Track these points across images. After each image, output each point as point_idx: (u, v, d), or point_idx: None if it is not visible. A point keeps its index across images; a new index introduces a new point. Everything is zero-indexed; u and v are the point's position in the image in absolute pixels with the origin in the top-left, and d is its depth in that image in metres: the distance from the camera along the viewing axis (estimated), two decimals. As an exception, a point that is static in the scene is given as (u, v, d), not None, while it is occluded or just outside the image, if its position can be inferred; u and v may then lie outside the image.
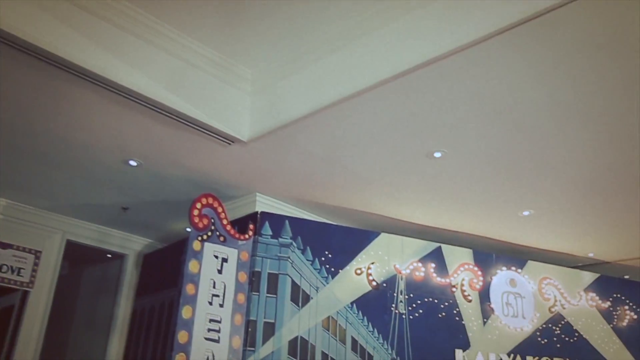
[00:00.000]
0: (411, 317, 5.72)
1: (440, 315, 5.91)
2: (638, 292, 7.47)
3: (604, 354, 6.84)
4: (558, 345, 6.55)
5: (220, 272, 4.99)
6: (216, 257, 5.01)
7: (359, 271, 5.60)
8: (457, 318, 6.01)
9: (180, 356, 4.58)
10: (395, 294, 5.72)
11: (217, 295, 4.90)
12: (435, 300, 5.93)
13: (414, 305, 5.79)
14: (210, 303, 4.85)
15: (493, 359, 6.05)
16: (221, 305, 4.91)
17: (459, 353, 5.88)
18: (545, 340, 6.49)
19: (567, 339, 6.65)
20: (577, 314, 6.84)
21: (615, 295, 7.24)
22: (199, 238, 4.95)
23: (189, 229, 4.98)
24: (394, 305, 5.68)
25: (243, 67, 4.57)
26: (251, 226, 5.29)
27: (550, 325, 6.59)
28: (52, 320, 6.72)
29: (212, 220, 5.07)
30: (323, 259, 5.48)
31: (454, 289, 6.08)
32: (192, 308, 4.74)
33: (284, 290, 5.22)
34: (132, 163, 5.12)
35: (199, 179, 5.41)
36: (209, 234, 5.02)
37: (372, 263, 5.68)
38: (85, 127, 4.55)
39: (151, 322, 6.41)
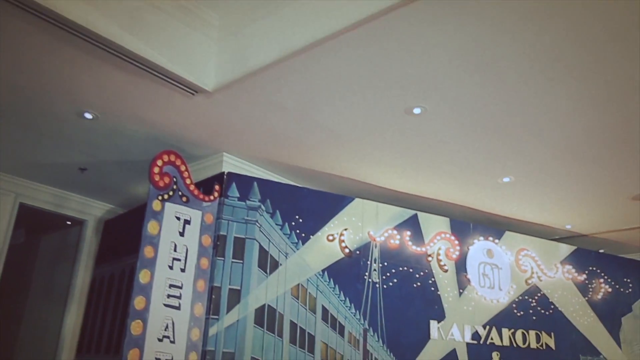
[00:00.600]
0: (385, 286, 5.47)
1: (415, 285, 5.67)
2: (613, 266, 7.37)
3: (578, 326, 6.73)
4: (534, 318, 6.39)
5: (182, 234, 4.65)
6: (178, 218, 4.66)
7: (331, 237, 5.30)
8: (432, 288, 5.78)
9: (137, 323, 4.24)
10: (368, 262, 5.45)
11: (179, 259, 4.56)
12: (411, 270, 5.69)
13: (388, 274, 5.53)
14: (171, 267, 4.51)
15: (468, 331, 5.86)
16: (182, 270, 4.57)
17: (433, 324, 5.67)
18: (521, 313, 6.31)
19: (542, 311, 6.49)
20: (553, 287, 6.69)
21: (591, 269, 7.12)
22: (159, 197, 4.59)
23: (150, 189, 4.62)
24: (367, 273, 5.41)
25: (209, 11, 4.18)
26: (217, 187, 4.94)
27: (526, 297, 6.42)
28: (6, 290, 6.34)
29: (174, 179, 4.71)
30: (293, 223, 5.17)
31: (429, 258, 5.84)
32: (151, 272, 4.40)
33: (251, 255, 4.89)
34: (88, 116, 4.70)
35: (161, 135, 5.03)
36: (171, 193, 4.66)
37: (345, 229, 5.39)
38: (34, 71, 4.11)
39: (110, 291, 6.05)
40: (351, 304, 5.26)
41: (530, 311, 6.40)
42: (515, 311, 6.27)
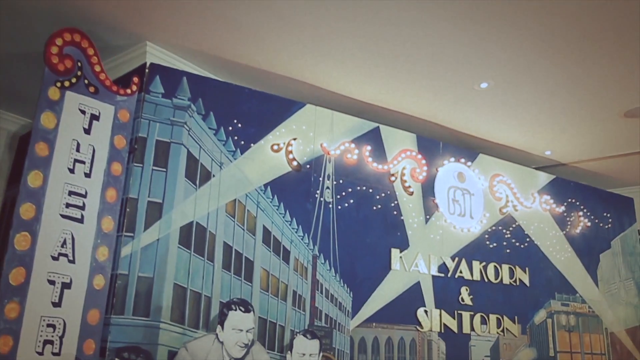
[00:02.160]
0: (339, 207, 4.69)
1: (374, 208, 4.91)
2: (593, 198, 6.74)
3: (554, 262, 6.12)
4: (507, 251, 5.72)
5: (87, 132, 3.75)
6: (83, 112, 3.75)
7: (276, 147, 4.47)
8: (394, 212, 5.03)
9: (23, 236, 3.39)
10: (320, 179, 4.65)
11: (82, 162, 3.68)
12: (370, 190, 4.91)
13: (344, 193, 4.75)
14: (72, 170, 3.63)
15: (435, 262, 5.15)
16: (87, 175, 3.69)
17: (395, 253, 4.95)
18: (494, 245, 5.63)
19: (517, 244, 5.83)
20: (530, 218, 6.01)
21: (570, 200, 6.46)
22: (58, 84, 3.67)
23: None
24: (318, 191, 4.61)
25: None
26: (135, 79, 4.03)
27: (500, 227, 5.73)
28: None
29: (79, 64, 3.78)
30: (231, 128, 4.31)
31: (392, 178, 5.06)
32: (43, 174, 3.52)
33: (177, 163, 4.04)
34: (-34, -20, 3.73)
35: (70, 15, 4.06)
36: (73, 80, 3.73)
37: (294, 139, 4.55)
38: None
39: (22, 214, 5.15)
40: (299, 225, 4.48)
41: (504, 243, 5.73)
42: (487, 242, 5.59)
